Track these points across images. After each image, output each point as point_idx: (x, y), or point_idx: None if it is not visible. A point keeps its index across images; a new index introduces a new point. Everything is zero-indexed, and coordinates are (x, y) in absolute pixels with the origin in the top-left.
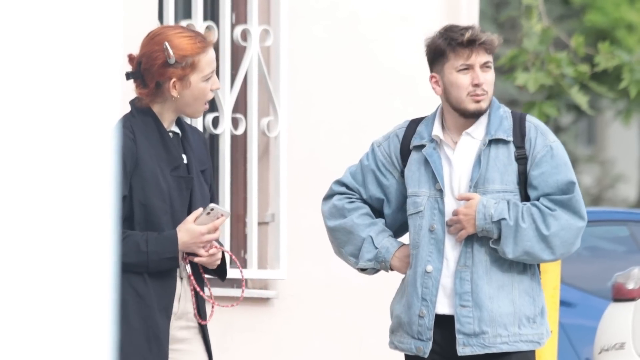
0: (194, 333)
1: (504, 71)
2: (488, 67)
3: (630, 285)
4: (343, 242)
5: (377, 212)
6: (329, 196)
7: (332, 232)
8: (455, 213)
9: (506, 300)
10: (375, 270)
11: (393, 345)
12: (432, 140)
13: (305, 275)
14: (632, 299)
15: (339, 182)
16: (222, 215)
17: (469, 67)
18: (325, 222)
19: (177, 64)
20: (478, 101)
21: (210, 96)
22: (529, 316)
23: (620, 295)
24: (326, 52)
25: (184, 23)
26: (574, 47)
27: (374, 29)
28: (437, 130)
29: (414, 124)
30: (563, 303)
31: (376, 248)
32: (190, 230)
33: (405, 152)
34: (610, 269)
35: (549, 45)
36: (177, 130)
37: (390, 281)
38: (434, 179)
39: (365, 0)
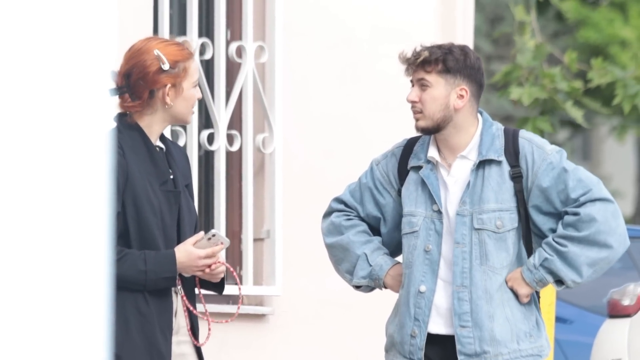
0: (189, 348)
1: (498, 87)
2: (424, 84)
3: (626, 302)
4: (340, 259)
5: (375, 231)
6: (327, 213)
7: (329, 249)
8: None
9: (502, 318)
10: (370, 288)
11: None
12: (428, 161)
13: (301, 291)
14: (628, 315)
15: (338, 200)
16: (221, 243)
17: (412, 84)
18: (323, 239)
19: (171, 70)
20: (416, 119)
21: (195, 104)
22: (526, 331)
23: (616, 312)
24: (321, 68)
25: (179, 40)
26: (567, 63)
27: (369, 46)
28: (432, 152)
29: (411, 143)
30: (559, 319)
31: (370, 265)
32: (189, 252)
33: (402, 172)
34: (605, 285)
35: (543, 61)
36: (161, 145)
37: (385, 298)
38: (431, 200)
39: (360, 16)
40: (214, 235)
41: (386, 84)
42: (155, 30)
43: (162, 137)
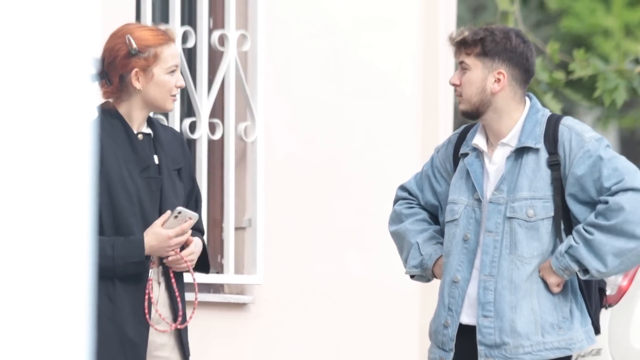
0: (171, 339)
1: None
2: (464, 67)
3: (607, 292)
4: (399, 247)
5: (436, 219)
6: (394, 202)
7: (392, 237)
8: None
9: (526, 310)
10: (425, 279)
11: (429, 356)
12: (474, 149)
13: (283, 280)
14: (609, 306)
15: (403, 188)
16: (190, 218)
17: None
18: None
19: (140, 54)
20: (458, 102)
21: (175, 91)
22: (552, 322)
23: None
24: (304, 57)
25: (162, 27)
26: (549, 53)
27: (352, 34)
28: (478, 139)
29: (466, 130)
30: None
31: (421, 255)
32: (157, 233)
33: (456, 159)
34: None
35: None
36: (148, 130)
37: (367, 288)
38: (474, 188)
39: (343, 5)
40: (180, 213)
41: (369, 73)
42: (138, 18)
43: (151, 122)
